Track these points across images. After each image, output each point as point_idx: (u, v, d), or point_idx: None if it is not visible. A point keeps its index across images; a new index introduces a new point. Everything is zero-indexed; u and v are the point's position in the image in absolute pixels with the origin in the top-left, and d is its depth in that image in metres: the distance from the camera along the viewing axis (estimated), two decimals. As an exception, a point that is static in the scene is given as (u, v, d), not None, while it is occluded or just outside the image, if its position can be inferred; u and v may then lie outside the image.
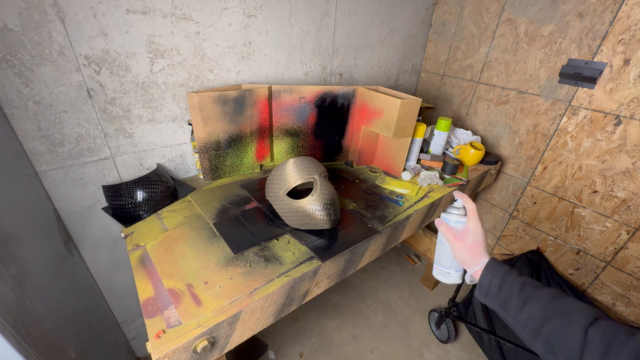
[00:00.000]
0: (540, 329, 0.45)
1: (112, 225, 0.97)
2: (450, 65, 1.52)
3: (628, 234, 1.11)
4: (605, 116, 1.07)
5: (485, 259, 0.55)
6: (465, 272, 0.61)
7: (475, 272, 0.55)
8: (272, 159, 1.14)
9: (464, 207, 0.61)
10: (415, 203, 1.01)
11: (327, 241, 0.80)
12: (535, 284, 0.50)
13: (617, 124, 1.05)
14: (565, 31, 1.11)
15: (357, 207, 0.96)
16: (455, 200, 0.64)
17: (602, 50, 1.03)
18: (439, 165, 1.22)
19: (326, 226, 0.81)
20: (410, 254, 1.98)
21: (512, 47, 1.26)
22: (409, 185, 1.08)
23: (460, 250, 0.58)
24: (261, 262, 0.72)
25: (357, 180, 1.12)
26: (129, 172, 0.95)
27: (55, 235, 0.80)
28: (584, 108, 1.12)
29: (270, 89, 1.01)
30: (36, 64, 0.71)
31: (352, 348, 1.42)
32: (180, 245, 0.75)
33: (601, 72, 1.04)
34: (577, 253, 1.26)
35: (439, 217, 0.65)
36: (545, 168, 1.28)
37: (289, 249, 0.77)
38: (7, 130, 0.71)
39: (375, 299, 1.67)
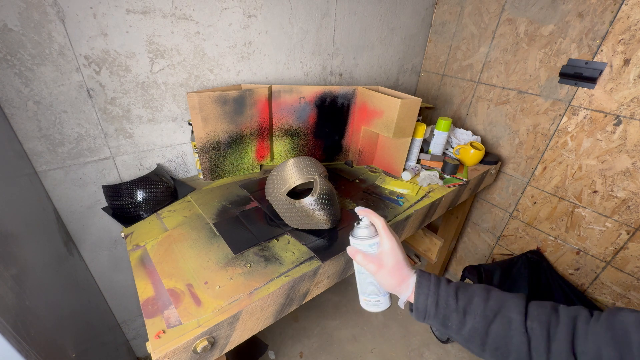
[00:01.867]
0: (485, 339, 0.44)
1: (112, 225, 0.97)
2: (450, 65, 1.52)
3: (628, 234, 1.11)
4: (605, 116, 1.07)
5: (412, 279, 0.51)
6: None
7: (409, 297, 0.51)
8: (272, 159, 1.14)
9: (372, 225, 0.55)
10: (416, 203, 1.01)
11: (327, 241, 0.80)
12: (465, 287, 0.48)
13: (617, 124, 1.05)
14: (565, 31, 1.11)
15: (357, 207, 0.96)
16: (361, 220, 0.55)
17: (602, 50, 1.03)
18: (439, 165, 1.22)
19: (326, 226, 0.81)
20: (410, 254, 1.98)
21: (512, 47, 1.26)
22: (409, 185, 1.08)
23: (384, 278, 0.52)
24: (261, 262, 0.72)
25: (357, 180, 1.12)
26: (129, 172, 0.95)
27: (55, 235, 0.80)
28: (584, 108, 1.12)
29: (270, 89, 1.01)
30: (36, 64, 0.71)
31: (352, 348, 1.42)
32: (180, 245, 0.75)
33: (601, 72, 1.04)
34: (577, 253, 1.26)
35: (350, 243, 0.57)
36: (545, 168, 1.28)
37: (289, 249, 0.77)
38: (7, 130, 0.71)
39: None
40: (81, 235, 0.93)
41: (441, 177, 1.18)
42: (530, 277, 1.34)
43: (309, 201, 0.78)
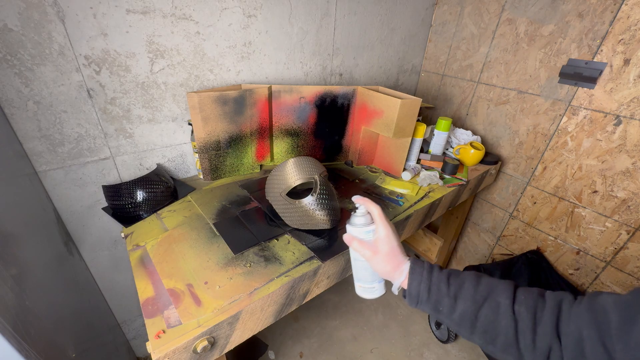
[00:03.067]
0: (475, 323, 0.46)
1: (112, 225, 0.97)
2: (450, 65, 1.52)
3: (628, 234, 1.11)
4: (605, 116, 1.07)
5: (406, 265, 0.53)
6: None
7: (402, 282, 0.52)
8: (272, 159, 1.14)
9: (369, 213, 0.57)
10: (416, 203, 1.01)
11: (327, 241, 0.80)
12: (456, 273, 0.51)
13: (617, 124, 1.05)
14: (565, 31, 1.11)
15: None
16: (358, 208, 0.57)
17: (602, 50, 1.03)
18: (439, 165, 1.22)
19: (326, 226, 0.81)
20: (410, 254, 1.98)
21: (512, 47, 1.26)
22: (409, 185, 1.08)
23: (379, 264, 0.54)
24: (261, 262, 0.72)
25: (357, 180, 1.12)
26: (129, 172, 0.95)
27: (55, 235, 0.80)
28: (584, 108, 1.12)
29: (270, 89, 1.01)
30: (36, 64, 0.71)
31: (352, 348, 1.42)
32: (180, 245, 0.75)
33: (601, 72, 1.04)
34: (577, 253, 1.26)
35: (348, 231, 0.59)
36: (545, 168, 1.28)
37: (289, 249, 0.77)
38: (7, 130, 0.71)
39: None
40: (81, 235, 0.93)
41: (441, 177, 1.18)
42: (530, 277, 1.34)
43: (309, 201, 0.78)
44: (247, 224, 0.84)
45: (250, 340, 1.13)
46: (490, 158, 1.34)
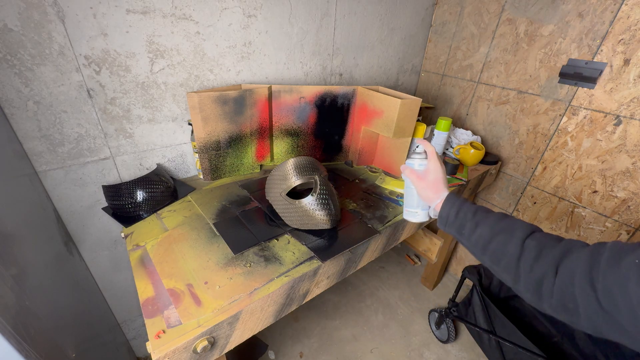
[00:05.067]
0: (487, 245, 0.53)
1: (112, 225, 0.97)
2: (450, 65, 1.52)
3: (628, 234, 1.11)
4: (605, 116, 1.07)
5: (445, 193, 0.62)
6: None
7: (437, 205, 0.62)
8: (272, 159, 1.14)
9: (425, 152, 0.68)
10: (415, 203, 1.01)
11: (327, 241, 0.80)
12: (486, 210, 0.57)
13: (617, 124, 1.05)
14: (565, 31, 1.11)
15: (357, 207, 0.96)
16: (417, 147, 0.70)
17: (602, 50, 1.03)
18: (439, 165, 1.21)
19: (326, 226, 0.81)
20: (410, 254, 1.98)
21: (512, 47, 1.26)
22: (409, 185, 1.08)
23: (423, 188, 0.65)
24: (261, 262, 0.72)
25: (357, 180, 1.12)
26: (129, 172, 0.95)
27: (56, 235, 0.80)
28: (584, 108, 1.12)
29: (270, 89, 1.01)
30: (36, 64, 0.71)
31: (352, 348, 1.42)
32: (180, 245, 0.75)
33: (601, 72, 1.04)
34: (577, 253, 1.26)
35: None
36: (545, 168, 1.28)
37: (289, 249, 0.77)
38: (7, 130, 0.71)
39: (375, 299, 1.67)
40: (81, 235, 0.93)
41: (441, 177, 1.18)
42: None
43: (308, 201, 0.78)
44: (247, 224, 0.84)
45: (250, 340, 1.13)
46: (490, 158, 1.34)
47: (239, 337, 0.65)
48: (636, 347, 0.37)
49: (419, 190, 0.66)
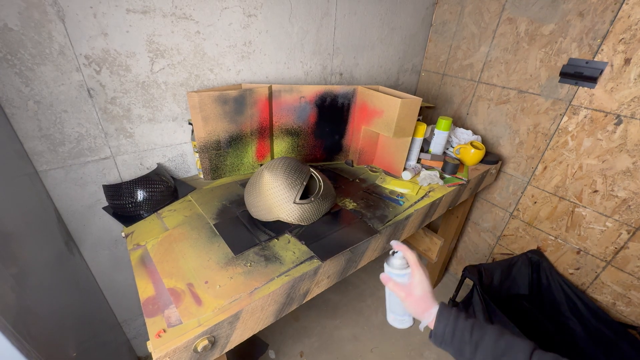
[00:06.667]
0: None
1: (113, 224, 0.97)
2: (451, 65, 1.52)
3: (628, 233, 1.11)
4: (606, 116, 1.07)
5: (435, 308, 0.58)
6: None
7: (429, 323, 0.58)
8: (272, 158, 1.14)
9: (404, 257, 0.62)
10: (416, 203, 1.01)
11: (327, 241, 0.80)
12: (481, 324, 0.55)
13: (618, 124, 1.05)
14: (565, 30, 1.10)
15: (357, 206, 0.96)
16: (395, 252, 0.63)
17: (602, 50, 1.03)
18: (439, 164, 1.22)
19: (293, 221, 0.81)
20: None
21: (513, 47, 1.26)
22: (409, 185, 1.08)
23: (412, 304, 0.60)
24: (261, 262, 0.72)
25: (357, 180, 1.12)
26: (130, 171, 0.95)
27: (56, 235, 0.80)
28: (585, 107, 1.11)
29: (270, 88, 1.01)
30: (36, 63, 0.71)
31: (352, 347, 1.42)
32: (181, 244, 0.76)
33: (602, 71, 1.04)
34: (578, 253, 1.26)
35: (385, 268, 0.65)
36: (545, 167, 1.28)
37: (289, 248, 0.77)
38: (8, 130, 0.71)
39: (375, 298, 1.67)
40: (82, 235, 0.93)
41: (441, 177, 1.18)
42: (531, 277, 1.34)
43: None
44: (247, 223, 0.84)
45: (250, 340, 1.14)
46: (491, 157, 1.34)
47: (239, 336, 0.65)
48: None
49: (407, 306, 0.61)
